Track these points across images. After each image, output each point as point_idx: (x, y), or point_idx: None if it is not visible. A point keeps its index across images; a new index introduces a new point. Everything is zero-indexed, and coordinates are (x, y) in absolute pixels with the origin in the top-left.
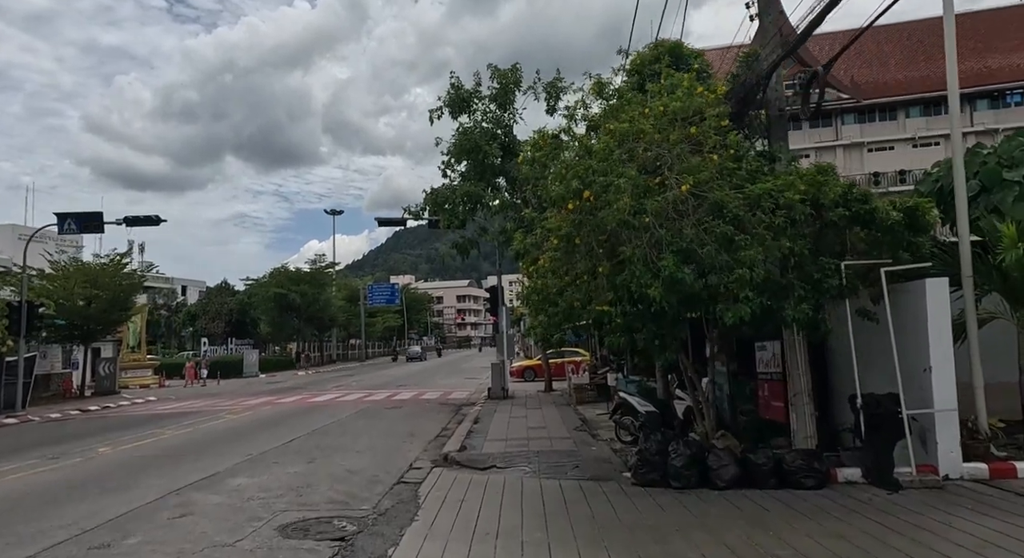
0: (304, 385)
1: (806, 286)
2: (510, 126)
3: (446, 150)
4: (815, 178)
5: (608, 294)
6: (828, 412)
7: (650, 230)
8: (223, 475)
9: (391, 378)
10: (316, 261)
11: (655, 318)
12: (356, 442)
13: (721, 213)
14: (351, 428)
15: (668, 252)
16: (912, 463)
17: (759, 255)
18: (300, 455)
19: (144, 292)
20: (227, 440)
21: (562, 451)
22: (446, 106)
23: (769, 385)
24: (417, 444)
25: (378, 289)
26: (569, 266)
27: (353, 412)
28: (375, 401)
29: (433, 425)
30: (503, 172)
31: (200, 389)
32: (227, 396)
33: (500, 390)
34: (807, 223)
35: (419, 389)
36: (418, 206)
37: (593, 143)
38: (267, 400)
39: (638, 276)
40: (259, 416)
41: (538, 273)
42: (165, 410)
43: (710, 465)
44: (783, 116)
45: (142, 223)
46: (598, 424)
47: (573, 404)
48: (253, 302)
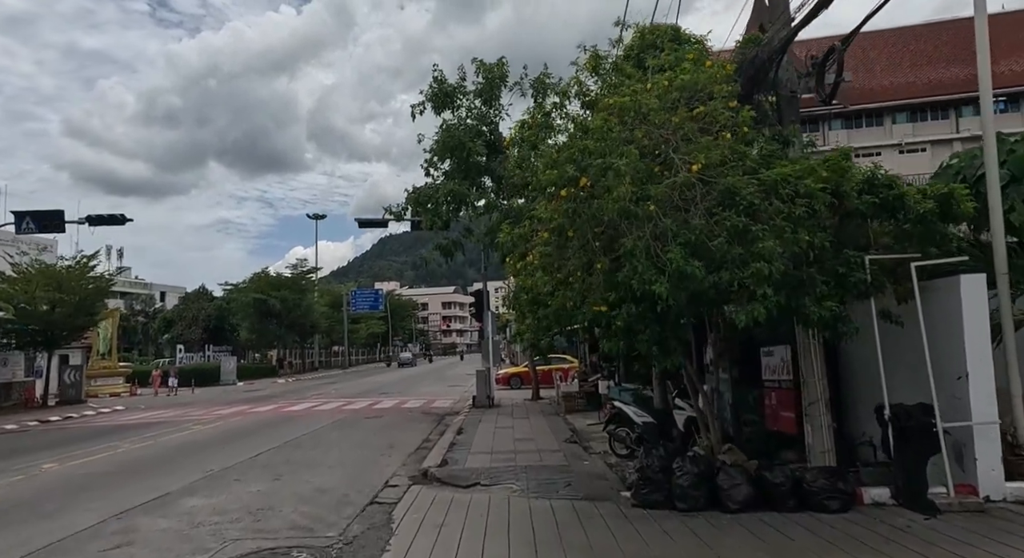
0: (282, 393)
1: (828, 282)
2: (496, 123)
3: (429, 148)
4: (838, 163)
5: (606, 293)
6: (842, 423)
7: (654, 220)
8: (176, 495)
9: (373, 386)
10: (297, 266)
11: (659, 319)
12: (328, 456)
13: (733, 201)
14: (325, 440)
15: (674, 244)
16: (949, 482)
17: (777, 248)
18: (266, 471)
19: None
20: (188, 454)
21: (552, 466)
22: (428, 101)
23: (777, 393)
24: (395, 458)
25: (361, 295)
26: (561, 262)
27: (329, 422)
28: (354, 410)
29: (414, 436)
30: (489, 171)
31: (171, 398)
32: (199, 405)
33: (485, 398)
34: (827, 213)
35: (401, 397)
36: (400, 206)
37: (589, 122)
38: (240, 410)
39: (641, 271)
40: (228, 427)
41: (526, 271)
42: (130, 421)
43: (720, 485)
44: (795, 99)
45: (106, 222)
46: (590, 435)
47: (562, 413)
48: (232, 308)
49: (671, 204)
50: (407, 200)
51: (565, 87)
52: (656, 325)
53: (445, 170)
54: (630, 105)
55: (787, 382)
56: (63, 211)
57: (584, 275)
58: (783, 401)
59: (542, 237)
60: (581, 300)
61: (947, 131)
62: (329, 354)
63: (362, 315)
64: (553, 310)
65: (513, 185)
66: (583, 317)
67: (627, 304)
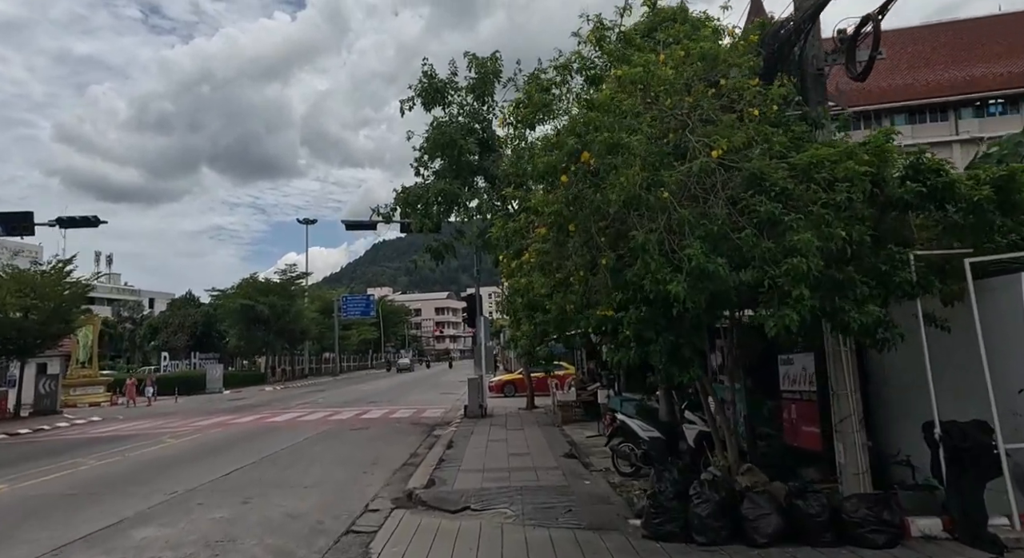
0: (268, 402)
1: (869, 282)
2: (489, 120)
3: (419, 146)
4: (881, 145)
5: (613, 294)
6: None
7: (668, 210)
8: (129, 523)
9: (361, 394)
10: (286, 271)
11: (673, 325)
12: (306, 474)
13: (762, 187)
14: (306, 455)
15: (692, 238)
16: (1013, 512)
17: (814, 241)
18: (234, 493)
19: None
20: (155, 472)
21: (550, 487)
22: (418, 96)
23: (798, 406)
24: (379, 476)
25: (352, 301)
26: (560, 261)
27: (313, 434)
28: (340, 421)
29: (400, 450)
30: (482, 170)
31: (150, 408)
32: (180, 416)
33: (478, 408)
34: (864, 203)
35: (390, 406)
36: (388, 207)
37: (595, 97)
38: (221, 421)
39: (653, 269)
40: (204, 441)
41: (522, 271)
42: (102, 433)
43: (745, 514)
44: (821, 77)
45: (78, 224)
46: (590, 449)
47: (559, 424)
48: (219, 314)
49: (687, 193)
50: (396, 200)
51: (566, 61)
52: (669, 332)
53: (436, 169)
54: (642, 76)
55: (810, 393)
56: (32, 213)
57: (587, 275)
58: (805, 414)
59: (539, 233)
60: (583, 304)
61: (946, 133)
62: (320, 361)
63: (353, 321)
64: (552, 315)
65: (506, 176)
66: (586, 323)
67: (636, 308)
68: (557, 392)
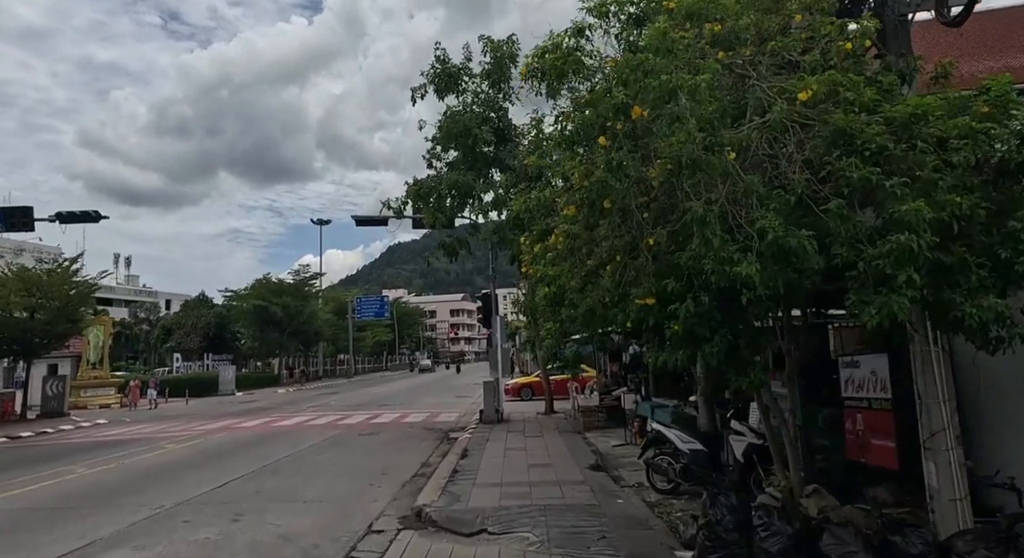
0: (279, 405)
1: (984, 266)
2: (505, 109)
3: (431, 136)
4: (1006, 96)
5: (661, 283)
6: None
7: (730, 177)
8: (101, 546)
9: (374, 397)
10: (300, 272)
11: (735, 319)
12: (308, 486)
13: (851, 148)
14: (309, 464)
15: (767, 210)
16: None
17: (926, 212)
18: (226, 508)
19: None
20: (146, 482)
21: (578, 506)
22: (430, 83)
23: (867, 416)
24: (386, 488)
25: (366, 302)
26: (591, 246)
27: (320, 441)
28: (349, 426)
29: (411, 459)
30: (497, 161)
31: (156, 411)
32: (186, 419)
33: (494, 413)
34: (970, 170)
35: (402, 410)
36: (399, 201)
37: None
38: (227, 424)
39: (717, 247)
40: (205, 446)
41: (546, 259)
42: (105, 438)
43: (826, 553)
44: (905, 23)
45: (78, 220)
46: (618, 460)
47: (580, 431)
48: (232, 315)
49: (750, 158)
50: (407, 193)
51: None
52: (727, 328)
53: (449, 161)
54: (701, 7)
55: (882, 401)
56: (31, 207)
57: (624, 260)
58: (876, 425)
59: (567, 214)
60: (619, 295)
61: None
62: (335, 363)
63: (368, 323)
64: (580, 310)
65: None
66: (623, 317)
67: (698, 294)
68: (578, 396)
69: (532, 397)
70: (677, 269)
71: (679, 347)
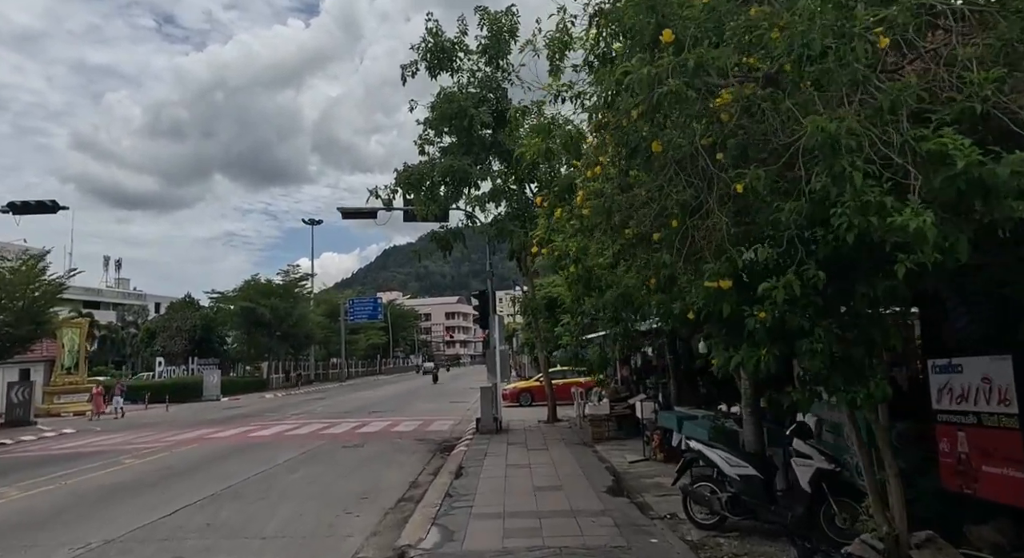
0: (262, 411)
1: None
2: (504, 89)
3: (423, 119)
4: None
5: (754, 251)
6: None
7: (869, 80)
8: None
9: (364, 402)
10: (289, 272)
11: (834, 307)
12: (271, 515)
13: None
14: (279, 485)
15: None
16: None
17: None
18: (162, 550)
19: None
20: (83, 510)
21: (603, 548)
22: (422, 60)
23: (974, 435)
24: (366, 518)
25: (359, 304)
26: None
27: (297, 454)
28: (333, 435)
29: (398, 477)
30: (496, 146)
31: (128, 419)
32: (160, 428)
33: (492, 421)
34: None
35: (393, 417)
36: (388, 189)
37: None
38: (200, 434)
39: (859, 187)
40: (168, 462)
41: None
42: (61, 450)
43: None
44: None
45: (33, 210)
46: (639, 481)
47: (589, 442)
48: (219, 317)
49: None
50: (396, 181)
51: None
52: (833, 317)
53: (443, 146)
54: None
55: (1001, 417)
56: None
57: (684, 223)
58: (991, 448)
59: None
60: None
61: None
62: (327, 366)
63: (361, 325)
64: (613, 297)
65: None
66: (681, 305)
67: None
68: (586, 403)
69: (532, 402)
70: (774, 230)
71: (764, 343)
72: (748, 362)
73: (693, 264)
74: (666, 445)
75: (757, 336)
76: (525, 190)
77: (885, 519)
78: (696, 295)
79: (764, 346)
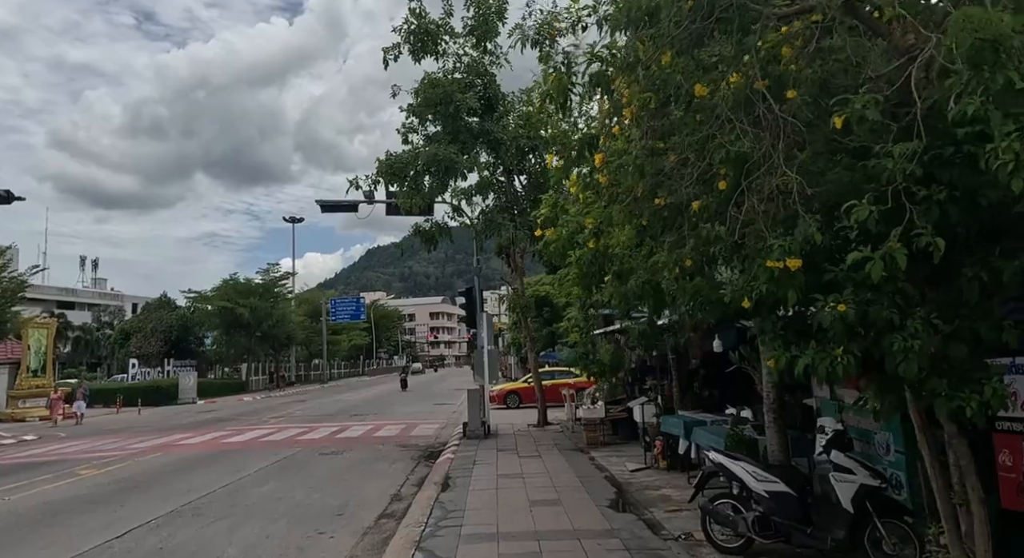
0: (238, 415)
1: None
2: (492, 74)
3: (406, 106)
4: None
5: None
6: None
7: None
8: None
9: (346, 405)
10: (269, 271)
11: (934, 294)
12: (232, 539)
13: None
14: (245, 500)
15: None
16: None
17: None
18: None
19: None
20: (13, 534)
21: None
22: (404, 42)
23: None
24: (340, 539)
25: (342, 304)
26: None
27: (270, 463)
28: (311, 441)
29: (379, 489)
30: (484, 134)
31: (81, 427)
32: (128, 434)
33: (479, 426)
34: None
35: (375, 421)
36: (369, 179)
37: None
38: (169, 441)
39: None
40: (127, 473)
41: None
42: (14, 459)
43: None
44: None
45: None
46: (644, 493)
47: (584, 448)
48: (196, 318)
49: None
50: (378, 170)
51: None
52: (931, 305)
53: (428, 134)
54: None
55: None
56: None
57: (740, 185)
58: None
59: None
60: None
61: None
62: (309, 367)
63: (343, 326)
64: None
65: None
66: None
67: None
68: (578, 406)
69: (519, 404)
70: (874, 184)
71: (842, 341)
72: (820, 365)
73: (747, 239)
74: (669, 452)
75: (833, 332)
76: (514, 182)
77: (964, 553)
78: (755, 277)
79: (841, 344)
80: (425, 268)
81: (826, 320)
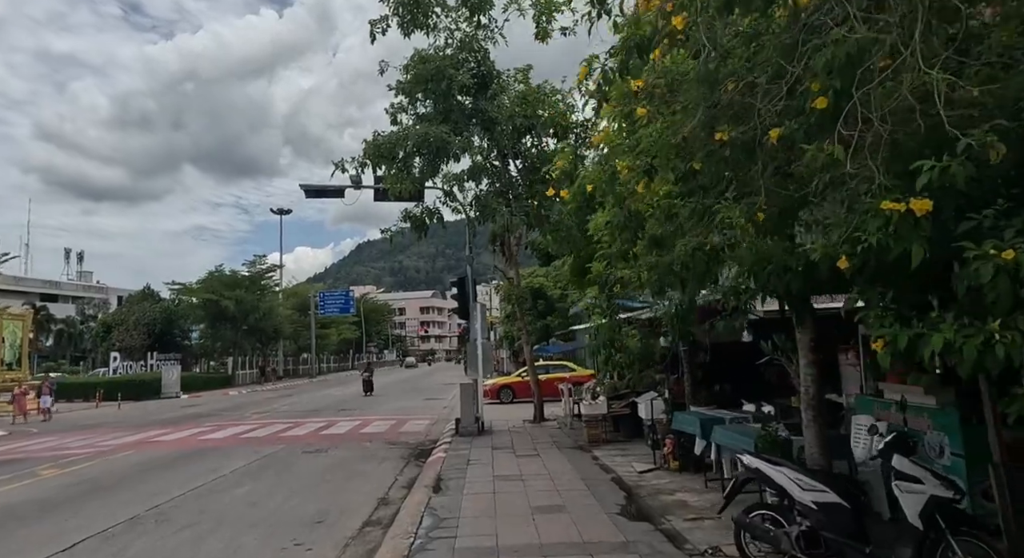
0: (222, 410)
1: None
2: (486, 51)
3: (395, 84)
4: None
5: None
6: None
7: None
8: None
9: (333, 400)
10: (256, 263)
11: None
12: (197, 551)
13: None
14: (217, 505)
15: None
16: None
17: None
18: None
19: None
20: None
21: None
22: (393, 15)
23: None
24: (320, 552)
25: (330, 297)
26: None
27: (249, 462)
28: (295, 438)
29: (364, 493)
30: (477, 114)
31: (51, 423)
32: (103, 430)
33: (473, 422)
34: None
35: (363, 416)
36: (355, 161)
37: None
38: (144, 437)
39: None
40: (92, 474)
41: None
42: None
43: None
44: None
45: None
46: (658, 498)
47: (585, 446)
48: (181, 310)
49: None
50: (364, 152)
51: None
52: None
53: (418, 114)
54: None
55: None
56: None
57: (853, 98)
58: None
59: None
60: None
61: None
62: (297, 361)
63: (332, 319)
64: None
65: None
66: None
67: None
68: (577, 401)
69: (512, 399)
70: None
71: (1005, 310)
72: (968, 346)
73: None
74: (680, 452)
75: (996, 293)
76: (509, 166)
77: None
78: (859, 228)
79: (1005, 312)
80: (415, 263)
81: (985, 275)
